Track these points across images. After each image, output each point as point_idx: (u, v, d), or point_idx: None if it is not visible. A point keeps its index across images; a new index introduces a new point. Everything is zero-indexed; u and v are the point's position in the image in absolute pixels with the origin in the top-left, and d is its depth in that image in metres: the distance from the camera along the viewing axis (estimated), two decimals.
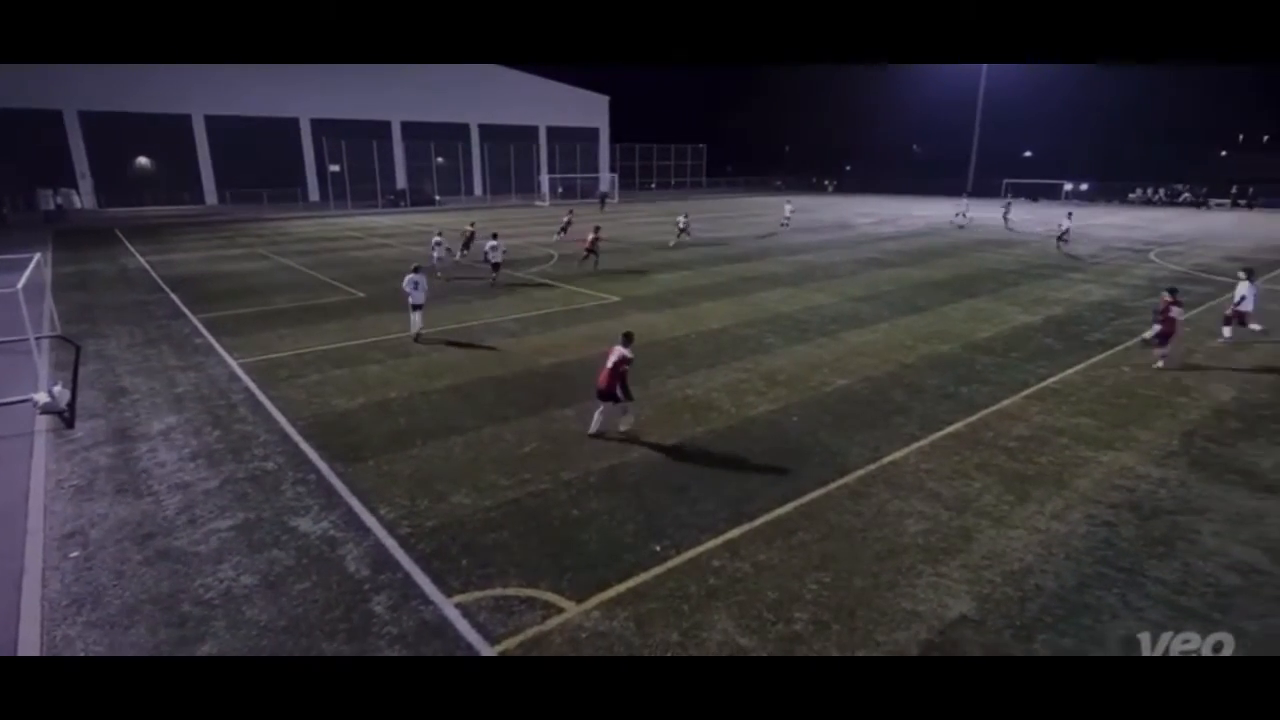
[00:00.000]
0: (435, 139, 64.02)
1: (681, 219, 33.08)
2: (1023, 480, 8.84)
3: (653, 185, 79.65)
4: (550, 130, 72.85)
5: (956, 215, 42.78)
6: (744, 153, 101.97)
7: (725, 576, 6.90)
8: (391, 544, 7.50)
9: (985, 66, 66.44)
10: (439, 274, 15.97)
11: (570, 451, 9.62)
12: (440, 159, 65.23)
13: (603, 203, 57.22)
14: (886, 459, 9.40)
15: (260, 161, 57.58)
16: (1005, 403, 11.48)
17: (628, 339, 10.07)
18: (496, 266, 21.92)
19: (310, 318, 17.57)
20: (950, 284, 22.19)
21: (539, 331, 16.08)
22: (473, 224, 28.59)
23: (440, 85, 63.91)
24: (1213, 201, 59.10)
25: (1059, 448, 9.80)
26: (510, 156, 66.52)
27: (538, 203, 61.92)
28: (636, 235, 35.32)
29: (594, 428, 10.04)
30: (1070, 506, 8.22)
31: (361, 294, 20.71)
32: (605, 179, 71.29)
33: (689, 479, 8.84)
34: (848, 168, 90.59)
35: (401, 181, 63.10)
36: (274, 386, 12.30)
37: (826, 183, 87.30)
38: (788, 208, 42.61)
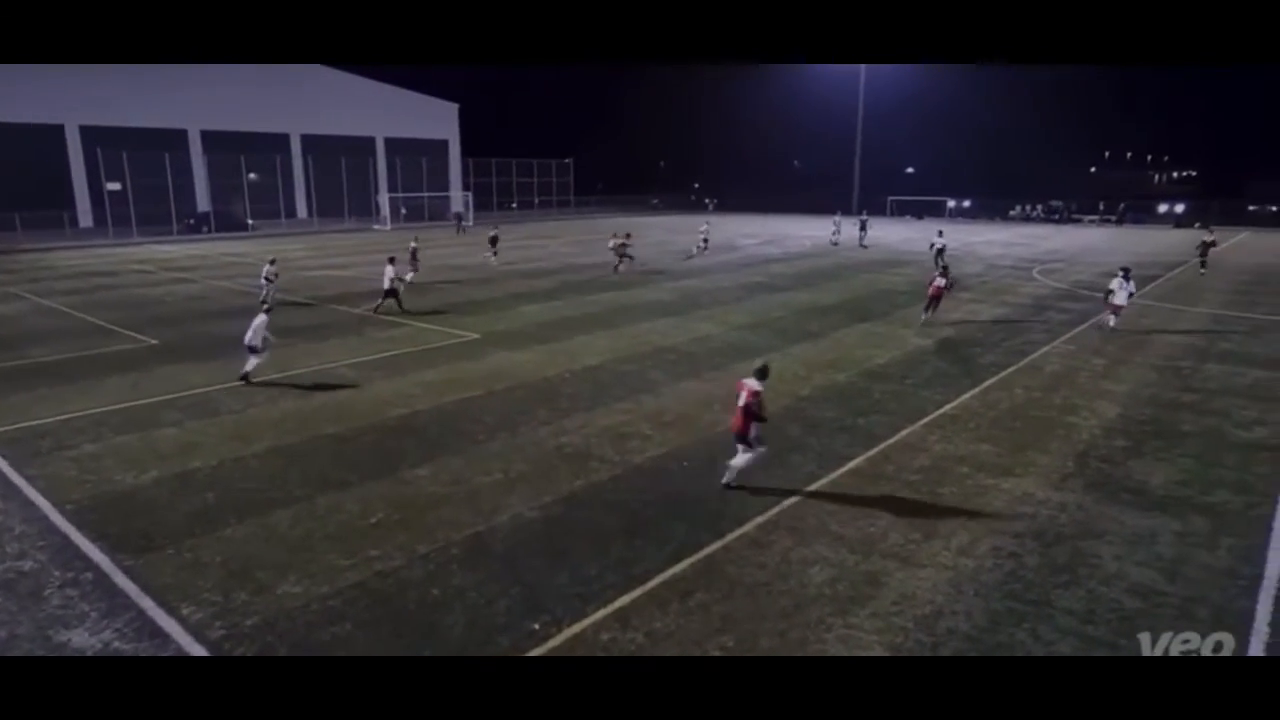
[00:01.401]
0: (247, 151, 60.65)
1: (704, 227, 38.52)
2: (927, 515, 9.44)
3: (513, 205, 79.67)
4: (390, 142, 71.35)
5: (833, 233, 46.09)
6: (616, 169, 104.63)
7: (617, 652, 6.83)
8: (201, 651, 6.84)
9: (863, 79, 72.30)
10: (265, 306, 15.31)
11: (426, 519, 9.27)
12: (253, 175, 61.87)
13: (460, 226, 56.52)
14: (787, 502, 9.73)
15: (12, 178, 52.12)
16: (905, 432, 12.27)
17: (762, 373, 10.14)
18: (392, 294, 22.53)
19: (83, 372, 15.98)
20: (842, 308, 23.61)
21: (383, 377, 15.51)
22: (416, 239, 29.92)
23: (251, 87, 60.70)
24: (1086, 218, 67.00)
25: (961, 477, 10.57)
26: (341, 173, 64.26)
27: (376, 226, 60.22)
28: (499, 262, 35.11)
29: (731, 478, 10.03)
30: (976, 539, 8.85)
31: (153, 340, 19.14)
32: (458, 198, 70.58)
33: (569, 542, 8.74)
34: (699, 188, 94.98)
35: (204, 203, 59.21)
36: (32, 462, 11.03)
37: (708, 201, 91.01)
38: (704, 228, 40.19)
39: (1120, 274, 20.39)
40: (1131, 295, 20.46)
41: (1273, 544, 8.72)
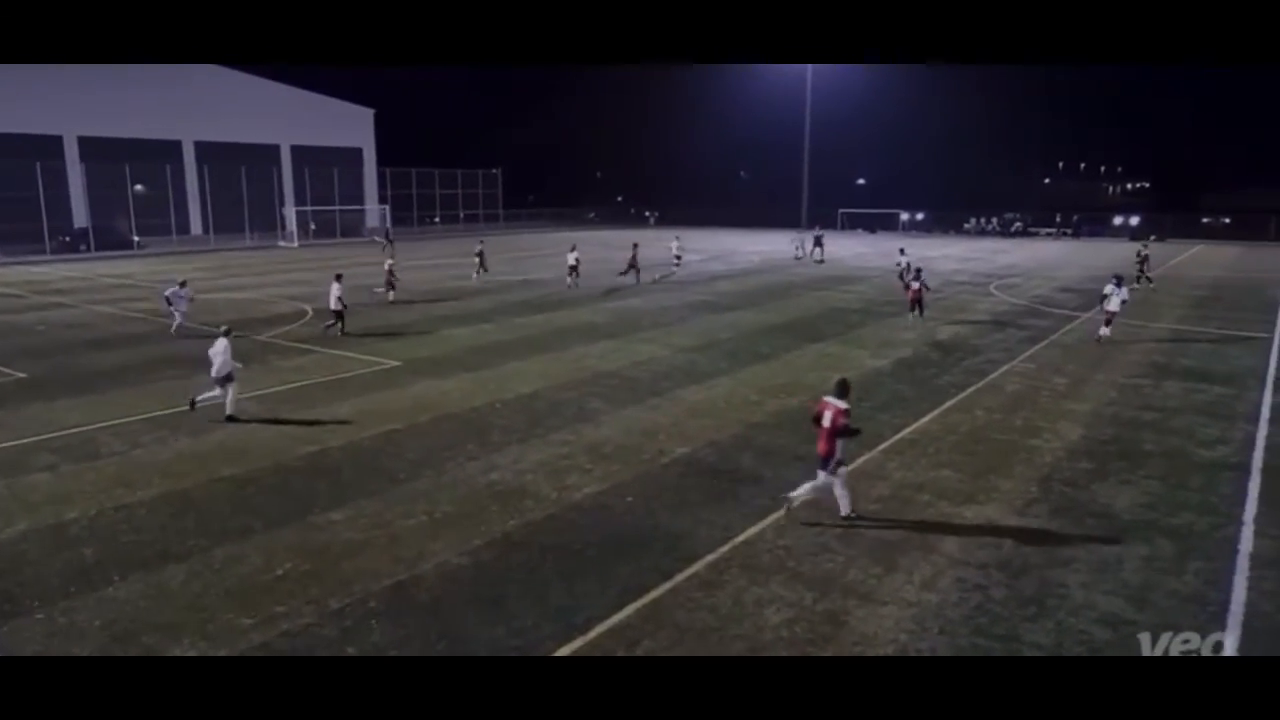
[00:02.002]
0: (132, 160, 58.67)
1: (675, 242, 38.48)
2: (888, 547, 9.59)
3: (436, 219, 78.97)
4: (298, 150, 70.09)
5: (796, 249, 47.12)
6: (548, 180, 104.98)
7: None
8: None
9: (809, 84, 74.33)
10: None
11: (340, 570, 9.00)
12: (139, 187, 59.85)
13: (389, 240, 55.61)
14: (739, 538, 9.78)
15: None
16: (862, 460, 12.48)
17: (843, 389, 10.21)
18: (339, 316, 22.64)
19: None
20: (793, 327, 24.02)
21: (291, 411, 15.11)
22: (392, 256, 31.46)
23: (137, 88, 58.69)
24: (1042, 231, 69.94)
25: (922, 506, 10.79)
26: (241, 184, 62.78)
27: (282, 243, 58.95)
28: (423, 281, 34.73)
29: (846, 508, 10.20)
30: (940, 572, 9.02)
31: (21, 374, 18.25)
32: (376, 211, 69.67)
33: (502, 589, 8.60)
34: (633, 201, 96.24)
35: (81, 219, 56.96)
36: None
37: (648, 214, 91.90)
38: (675, 244, 39.34)
39: (1113, 280, 21.85)
40: (1125, 303, 21.93)
41: (1239, 568, 9.12)
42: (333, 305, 22.66)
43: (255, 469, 12.12)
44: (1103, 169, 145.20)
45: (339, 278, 23.41)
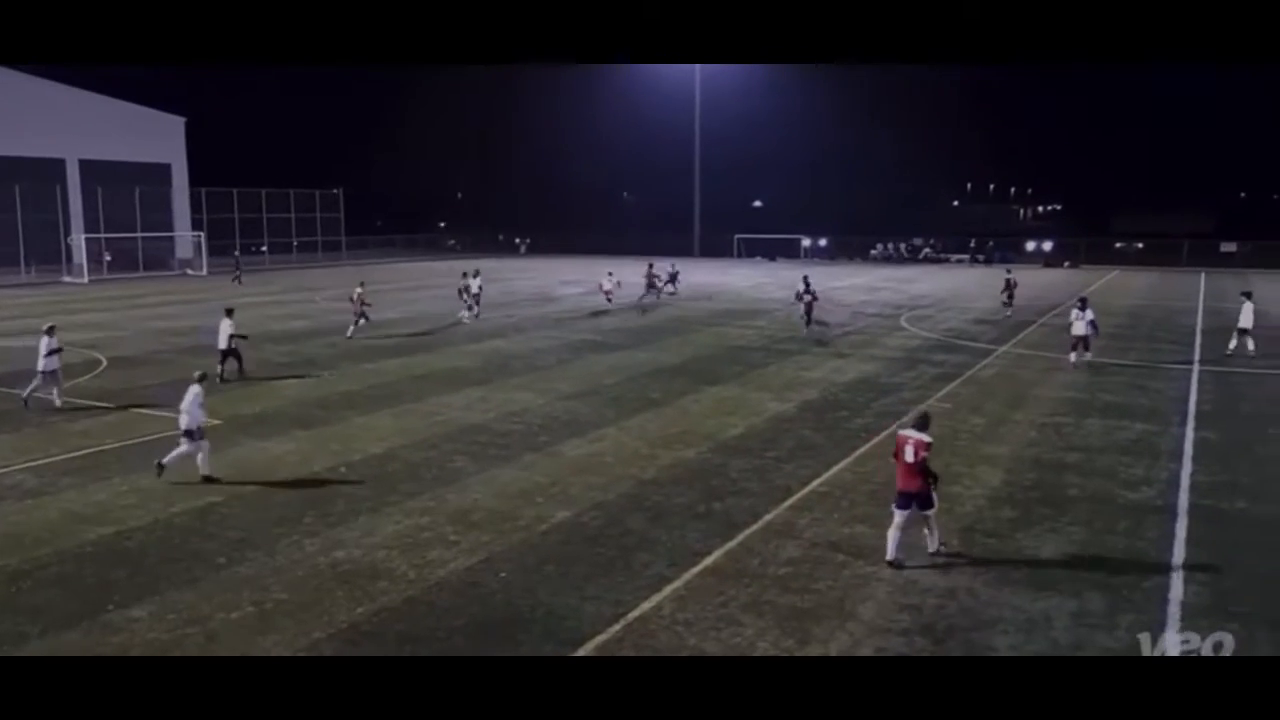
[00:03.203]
0: None
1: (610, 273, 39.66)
2: (801, 616, 9.78)
3: (262, 248, 76.20)
4: (88, 166, 66.81)
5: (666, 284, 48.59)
6: (398, 202, 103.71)
7: None
8: None
9: (698, 95, 76.76)
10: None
11: None
12: None
13: (238, 272, 53.37)
14: (632, 614, 9.77)
15: None
16: (769, 517, 12.74)
17: (924, 422, 11.21)
18: (233, 354, 22.51)
19: None
20: (687, 369, 24.44)
21: (78, 485, 14.25)
22: (361, 283, 31.60)
23: None
24: (953, 258, 74.09)
25: (836, 567, 11.08)
26: (16, 205, 59.15)
27: (68, 278, 55.84)
28: (250, 321, 33.38)
29: (893, 552, 10.93)
30: (858, 641, 9.26)
31: None
32: (189, 240, 66.99)
33: None
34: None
35: None
36: None
37: (518, 241, 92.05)
38: (475, 280, 37.75)
39: (1077, 304, 24.76)
40: (1094, 324, 24.60)
41: (1170, 618, 9.76)
42: (221, 344, 22.35)
43: (32, 558, 11.33)
44: (1013, 190, 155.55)
45: (229, 312, 23.04)
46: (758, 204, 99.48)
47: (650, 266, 43.04)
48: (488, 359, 25.99)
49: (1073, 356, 24.27)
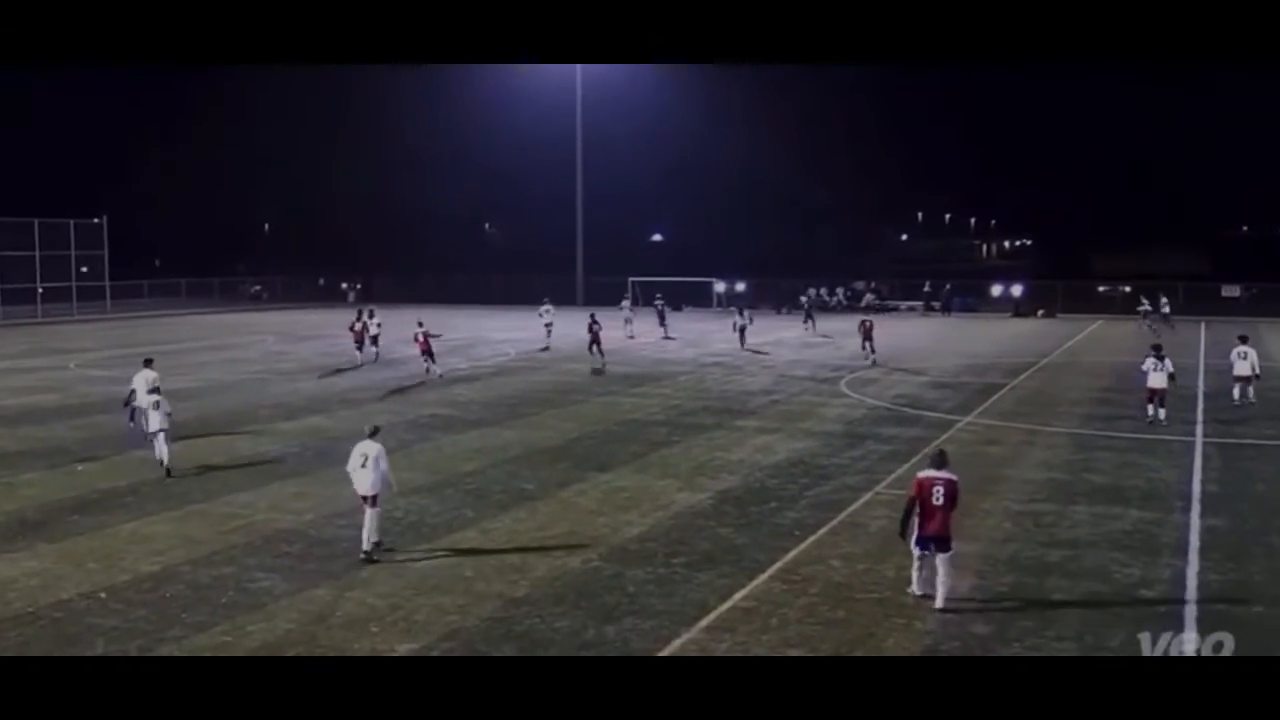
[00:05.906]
0: None
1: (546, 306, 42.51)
2: None
3: None
4: None
5: (627, 325, 51.64)
6: (184, 236, 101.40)
7: None
8: None
9: (579, 106, 77.78)
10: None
11: None
12: None
13: None
14: None
15: None
16: (676, 644, 12.63)
17: (942, 460, 13.78)
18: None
19: None
20: (571, 450, 24.39)
21: None
22: (360, 314, 35.62)
23: None
24: (904, 305, 76.36)
25: None
26: None
27: None
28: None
29: (919, 587, 13.75)
30: None
31: None
32: None
33: None
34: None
35: None
36: None
37: (346, 286, 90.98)
38: (546, 305, 42.13)
39: (1152, 353, 27.69)
40: (1173, 376, 27.44)
41: None
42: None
43: None
44: (973, 221, 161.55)
45: (148, 362, 24.92)
46: (657, 238, 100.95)
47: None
48: (304, 441, 25.47)
49: (1150, 410, 26.99)
